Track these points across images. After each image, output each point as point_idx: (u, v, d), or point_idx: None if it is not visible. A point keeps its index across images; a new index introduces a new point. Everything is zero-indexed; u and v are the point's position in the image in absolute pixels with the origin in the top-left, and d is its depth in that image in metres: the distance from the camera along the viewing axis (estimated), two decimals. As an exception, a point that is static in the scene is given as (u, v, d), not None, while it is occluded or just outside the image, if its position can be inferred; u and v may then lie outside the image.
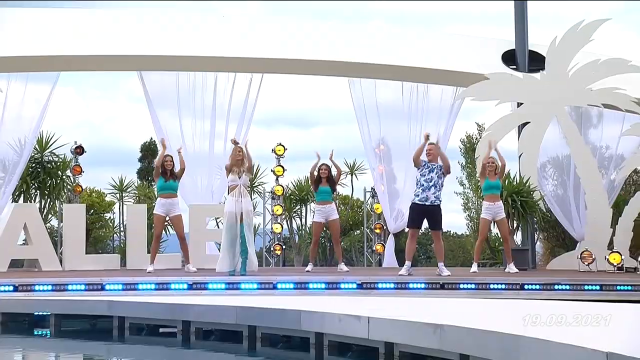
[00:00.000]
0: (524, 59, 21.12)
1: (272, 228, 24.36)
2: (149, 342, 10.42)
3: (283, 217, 24.56)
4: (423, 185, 17.19)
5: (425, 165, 17.25)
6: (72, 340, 11.23)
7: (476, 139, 34.81)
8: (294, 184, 26.22)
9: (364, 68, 21.32)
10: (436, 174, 17.24)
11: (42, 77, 21.56)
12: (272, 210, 24.25)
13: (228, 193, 17.81)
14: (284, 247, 24.58)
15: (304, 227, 26.20)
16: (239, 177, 17.25)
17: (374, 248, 24.33)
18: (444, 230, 25.18)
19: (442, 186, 17.79)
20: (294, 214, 27.01)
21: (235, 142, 18.05)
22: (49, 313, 11.42)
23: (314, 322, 8.70)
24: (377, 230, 24.02)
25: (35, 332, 11.36)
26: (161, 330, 10.83)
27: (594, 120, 21.97)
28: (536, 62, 20.79)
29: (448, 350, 7.31)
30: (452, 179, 21.99)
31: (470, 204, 39.33)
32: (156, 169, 18.83)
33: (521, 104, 20.53)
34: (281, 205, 24.09)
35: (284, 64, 21.61)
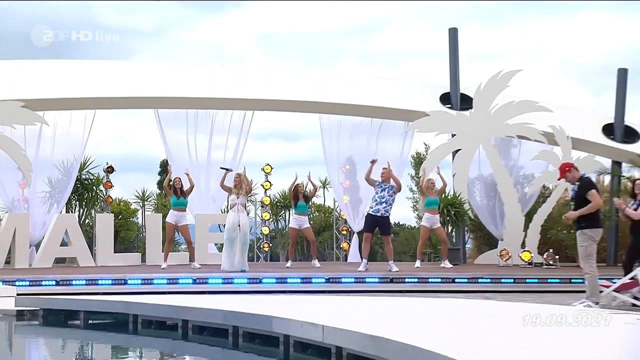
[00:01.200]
0: (457, 100, 21.16)
1: (261, 230, 24.33)
2: (156, 334, 10.24)
3: (270, 220, 24.46)
4: (376, 200, 17.28)
5: (379, 185, 17.34)
6: (96, 331, 11.04)
7: (423, 155, 35.13)
8: (280, 194, 26.13)
9: (331, 107, 21.40)
10: (387, 192, 17.30)
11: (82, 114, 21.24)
12: (262, 216, 24.28)
13: (230, 209, 17.59)
14: (270, 245, 24.58)
15: (286, 229, 25.85)
16: (237, 197, 17.34)
17: (341, 245, 24.33)
18: (402, 223, 25.23)
19: (393, 202, 17.84)
20: (280, 217, 27.28)
21: (229, 170, 18.16)
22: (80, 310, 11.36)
23: (281, 326, 8.58)
24: (344, 232, 24.05)
25: (69, 324, 11.15)
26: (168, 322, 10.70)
27: (513, 146, 22.03)
28: (466, 102, 20.86)
29: (384, 357, 6.90)
30: (404, 185, 22.00)
31: (417, 205, 39.52)
32: (165, 188, 19.08)
33: (454, 135, 20.53)
34: (269, 212, 24.24)
35: (268, 104, 21.68)
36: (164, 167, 23.38)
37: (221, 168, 18.57)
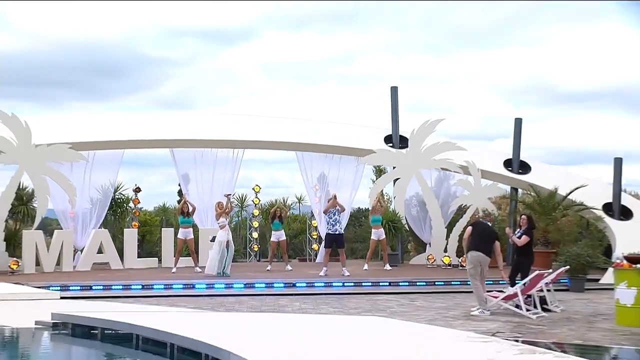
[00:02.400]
0: (396, 141, 21.07)
1: (252, 234, 24.21)
2: (153, 350, 9.42)
3: (258, 228, 24.26)
4: (332, 223, 17.42)
5: (330, 212, 17.46)
6: (108, 343, 10.21)
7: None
8: (268, 205, 25.54)
9: (302, 145, 21.42)
10: (337, 215, 17.49)
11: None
12: (252, 224, 24.16)
13: (220, 229, 17.40)
14: (259, 246, 24.37)
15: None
16: (226, 220, 17.42)
17: (312, 246, 24.17)
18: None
19: (341, 220, 18.19)
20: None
21: (227, 195, 18.21)
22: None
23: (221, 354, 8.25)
24: (314, 236, 23.80)
25: (91, 334, 10.41)
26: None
27: (443, 175, 21.83)
28: (403, 142, 20.79)
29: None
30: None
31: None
32: (178, 211, 19.00)
33: (394, 167, 20.43)
34: (257, 221, 24.04)
35: (258, 144, 21.68)
36: (180, 193, 23.29)
37: (225, 195, 18.53)
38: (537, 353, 7.52)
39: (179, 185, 22.17)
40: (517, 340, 9.87)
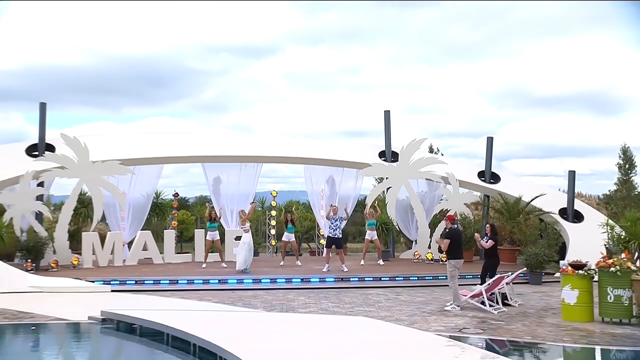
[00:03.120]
0: (389, 156, 20.98)
1: (270, 232, 24.23)
2: (175, 346, 9.38)
3: (275, 226, 24.02)
4: (332, 228, 17.23)
5: (332, 218, 17.25)
6: (145, 337, 10.16)
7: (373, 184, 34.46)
8: (284, 206, 25.24)
9: (310, 160, 21.31)
10: (339, 221, 17.29)
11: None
12: (270, 222, 24.03)
13: (244, 232, 17.25)
14: (276, 241, 23.92)
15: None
16: (248, 225, 17.27)
17: (320, 241, 23.70)
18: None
19: (342, 226, 17.86)
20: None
21: (252, 203, 18.48)
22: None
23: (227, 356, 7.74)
24: (322, 232, 23.30)
25: (132, 329, 10.51)
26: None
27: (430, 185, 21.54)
28: (395, 157, 20.67)
29: None
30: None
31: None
32: (206, 218, 18.84)
33: (387, 178, 20.27)
34: (275, 221, 23.74)
35: (271, 159, 21.60)
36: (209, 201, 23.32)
37: (250, 203, 18.74)
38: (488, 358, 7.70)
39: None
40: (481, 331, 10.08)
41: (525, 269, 14.97)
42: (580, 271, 11.20)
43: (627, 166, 35.16)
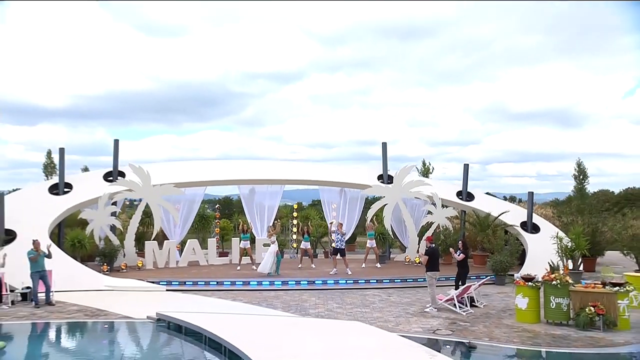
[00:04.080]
0: (386, 179, 20.76)
1: (293, 237, 23.75)
2: (211, 346, 9.13)
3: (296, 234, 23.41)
4: (338, 240, 17.28)
5: (336, 232, 17.35)
6: (189, 337, 9.96)
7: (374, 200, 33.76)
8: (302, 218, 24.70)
9: (323, 182, 21.22)
10: (342, 236, 17.40)
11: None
12: (293, 230, 23.55)
13: (271, 243, 17.03)
14: (297, 244, 22.93)
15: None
16: (274, 238, 17.22)
17: (332, 245, 22.63)
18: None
19: (344, 239, 17.83)
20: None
21: (275, 222, 18.32)
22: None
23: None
24: (333, 238, 23.08)
25: (179, 329, 10.33)
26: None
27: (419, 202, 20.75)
28: (390, 180, 20.37)
29: None
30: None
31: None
32: (240, 230, 18.63)
33: (384, 196, 19.64)
34: (296, 228, 23.13)
35: (292, 181, 21.60)
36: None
37: (275, 222, 18.78)
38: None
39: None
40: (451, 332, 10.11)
41: (488, 277, 14.93)
42: (530, 283, 11.28)
43: (580, 177, 35.53)
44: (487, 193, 24.26)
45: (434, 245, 12.56)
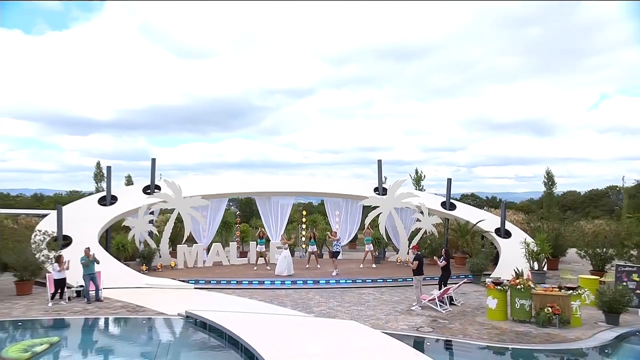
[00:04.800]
0: (381, 191, 20.82)
1: (302, 239, 23.36)
2: (230, 342, 9.07)
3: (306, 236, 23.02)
4: (336, 245, 17.52)
5: (334, 241, 17.56)
6: (212, 333, 9.97)
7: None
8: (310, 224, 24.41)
9: (327, 194, 21.33)
10: (340, 242, 17.68)
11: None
12: (303, 233, 23.26)
13: (284, 249, 16.95)
14: (306, 245, 22.96)
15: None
16: (285, 244, 17.28)
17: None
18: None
19: (341, 244, 18.03)
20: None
21: (284, 236, 18.30)
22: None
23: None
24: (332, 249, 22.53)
25: (204, 326, 10.39)
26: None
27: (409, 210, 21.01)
28: (385, 192, 20.42)
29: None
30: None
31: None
32: (257, 236, 18.61)
33: (378, 206, 19.63)
34: (305, 231, 22.81)
35: (301, 193, 21.63)
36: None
37: (282, 236, 18.38)
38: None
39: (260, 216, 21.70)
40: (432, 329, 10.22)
41: (465, 280, 15.03)
42: (498, 287, 11.47)
43: (549, 183, 35.90)
44: (473, 194, 24.42)
45: (419, 253, 12.78)
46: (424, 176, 29.71)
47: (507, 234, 19.14)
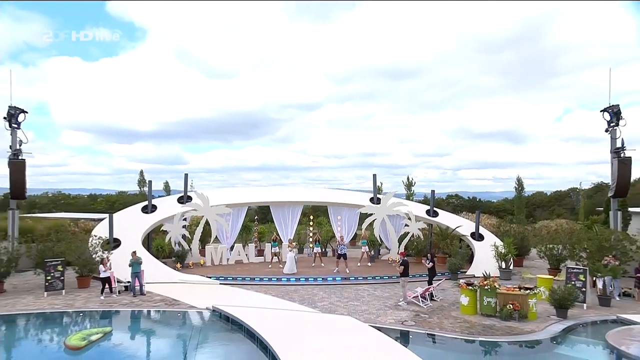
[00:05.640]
0: (375, 200, 20.70)
1: (310, 241, 22.88)
2: (249, 334, 9.10)
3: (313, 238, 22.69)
4: (340, 247, 17.16)
5: (339, 243, 17.34)
6: (234, 325, 9.78)
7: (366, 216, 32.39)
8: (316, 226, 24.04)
9: (332, 203, 21.11)
10: (342, 245, 17.19)
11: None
12: (310, 235, 22.57)
13: (290, 251, 16.84)
14: (313, 246, 22.77)
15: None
16: (293, 247, 17.23)
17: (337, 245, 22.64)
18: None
19: (345, 246, 17.48)
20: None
21: (291, 242, 18.10)
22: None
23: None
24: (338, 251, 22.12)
25: (227, 319, 10.33)
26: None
27: (399, 217, 20.91)
28: (378, 202, 20.41)
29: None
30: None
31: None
32: (272, 240, 18.83)
33: (373, 213, 19.74)
34: (312, 234, 22.17)
35: (309, 202, 21.60)
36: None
37: (290, 242, 18.31)
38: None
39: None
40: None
41: (443, 279, 15.10)
42: (470, 287, 11.71)
43: (519, 189, 36.19)
44: (457, 194, 24.27)
45: (405, 258, 12.97)
46: (415, 182, 30.02)
47: (480, 237, 19.22)
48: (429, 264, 13.70)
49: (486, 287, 11.38)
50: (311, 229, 23.13)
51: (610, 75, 17.38)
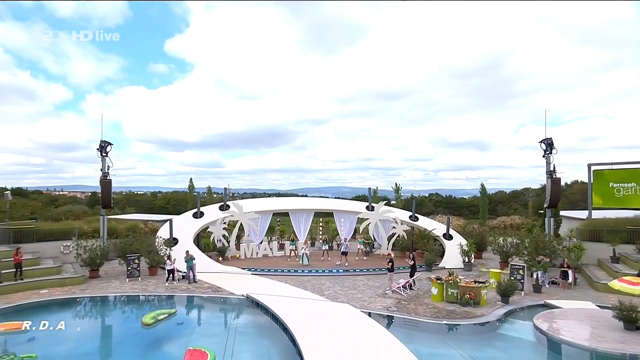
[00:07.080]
0: (370, 208, 20.48)
1: (320, 240, 22.87)
2: (273, 318, 9.08)
3: (322, 237, 22.82)
4: (343, 245, 17.12)
5: (343, 243, 17.29)
6: (261, 309, 9.97)
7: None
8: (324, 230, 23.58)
9: (336, 211, 20.87)
10: (347, 243, 17.18)
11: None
12: (320, 234, 22.99)
13: (303, 249, 16.76)
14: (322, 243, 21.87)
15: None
16: (306, 245, 17.23)
17: (340, 242, 21.24)
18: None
19: (348, 245, 17.47)
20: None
21: (305, 244, 17.32)
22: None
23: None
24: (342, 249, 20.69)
25: (257, 305, 10.20)
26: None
27: (390, 222, 20.50)
28: (371, 209, 20.22)
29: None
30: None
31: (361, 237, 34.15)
32: (290, 239, 18.83)
33: (368, 218, 19.70)
34: (322, 234, 22.78)
35: (318, 210, 21.23)
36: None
37: (305, 241, 17.62)
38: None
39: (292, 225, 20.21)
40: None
41: (419, 274, 15.31)
42: (439, 281, 12.06)
43: (483, 192, 34.97)
44: (437, 192, 23.78)
45: (392, 257, 13.17)
46: (401, 188, 30.16)
47: (450, 237, 19.28)
48: (411, 262, 13.82)
49: (450, 282, 11.81)
50: (321, 229, 23.21)
51: (546, 112, 17.29)
